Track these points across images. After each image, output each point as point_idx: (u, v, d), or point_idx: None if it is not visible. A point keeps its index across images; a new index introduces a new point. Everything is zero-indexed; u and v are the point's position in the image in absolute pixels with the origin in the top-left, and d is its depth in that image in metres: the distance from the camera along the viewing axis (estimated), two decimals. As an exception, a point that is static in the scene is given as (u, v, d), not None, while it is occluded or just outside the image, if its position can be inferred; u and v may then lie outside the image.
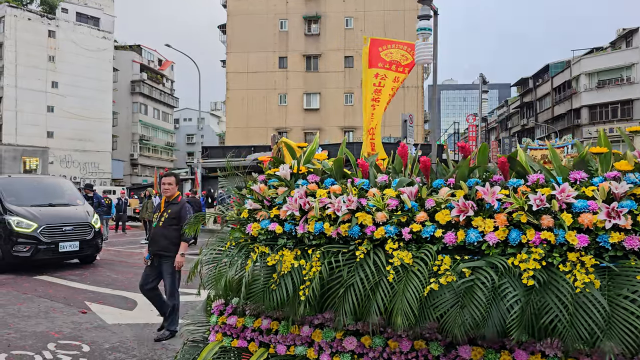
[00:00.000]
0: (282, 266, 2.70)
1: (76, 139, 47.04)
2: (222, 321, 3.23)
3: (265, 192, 3.08)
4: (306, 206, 2.80)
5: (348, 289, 2.51)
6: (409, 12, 41.32)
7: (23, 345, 5.27)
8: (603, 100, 42.31)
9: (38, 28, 45.11)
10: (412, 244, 2.51)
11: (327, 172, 3.14)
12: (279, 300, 2.67)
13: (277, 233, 2.86)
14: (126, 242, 16.57)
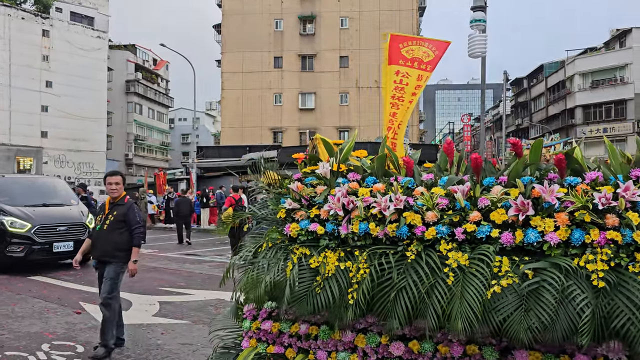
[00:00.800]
0: (326, 268, 2.60)
1: (70, 139, 46.79)
2: (256, 326, 3.10)
3: (302, 191, 2.96)
4: (350, 205, 2.69)
5: (400, 292, 2.42)
6: (404, 12, 41.40)
7: (17, 346, 5.23)
8: (597, 100, 42.52)
9: (32, 27, 44.85)
10: (465, 245, 2.41)
11: (367, 170, 3.01)
12: (324, 304, 2.56)
13: (319, 234, 2.74)
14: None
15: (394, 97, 4.30)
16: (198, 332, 5.76)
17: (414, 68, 4.20)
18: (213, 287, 8.54)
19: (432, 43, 4.29)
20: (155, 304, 7.17)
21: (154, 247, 14.79)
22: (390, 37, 4.51)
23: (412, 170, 2.85)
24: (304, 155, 3.37)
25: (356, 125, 41.48)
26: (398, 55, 4.30)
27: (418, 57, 4.22)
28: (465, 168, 2.86)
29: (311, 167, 3.17)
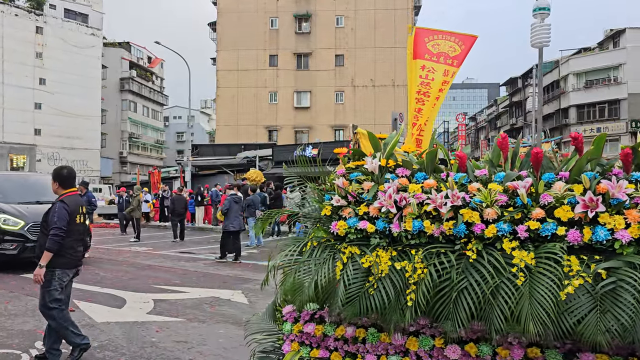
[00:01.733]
0: (379, 268, 2.48)
1: (64, 137, 46.55)
2: (298, 329, 2.96)
3: (348, 187, 2.82)
4: (402, 202, 2.57)
5: (461, 293, 2.32)
6: (400, 10, 41.41)
7: (10, 344, 5.19)
8: (591, 100, 42.73)
9: (25, 24, 44.54)
10: (527, 243, 2.31)
11: (417, 166, 2.88)
12: (378, 305, 2.46)
13: (369, 232, 2.61)
14: (115, 240, 16.44)
15: (419, 92, 4.14)
16: (193, 330, 5.74)
17: (440, 63, 4.05)
18: (208, 285, 8.52)
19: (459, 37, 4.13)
20: (149, 302, 7.14)
21: (148, 245, 14.74)
22: (415, 31, 4.34)
23: (465, 166, 2.74)
24: (347, 149, 3.18)
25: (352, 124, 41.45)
26: (424, 50, 4.15)
27: (444, 51, 4.07)
28: (521, 163, 2.74)
29: (355, 162, 3.01)
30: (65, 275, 4.59)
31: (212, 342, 5.30)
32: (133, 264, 11.04)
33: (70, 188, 4.74)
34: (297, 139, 41.61)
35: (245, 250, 13.09)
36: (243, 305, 6.95)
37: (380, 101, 41.30)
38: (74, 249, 4.63)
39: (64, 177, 4.73)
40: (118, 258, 12.09)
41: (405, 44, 21.63)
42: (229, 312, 6.60)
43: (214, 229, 19.31)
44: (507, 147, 2.77)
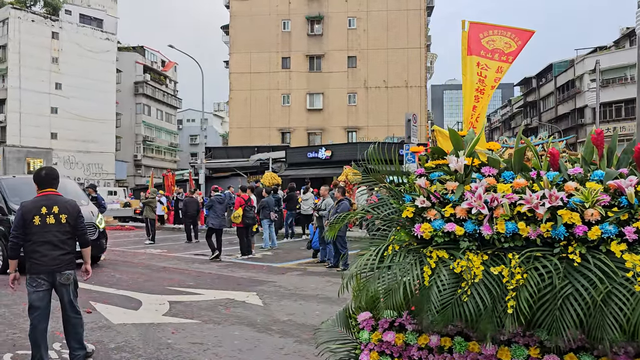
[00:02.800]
0: (471, 273, 2.34)
1: (80, 140, 47.14)
2: (377, 338, 2.80)
3: (431, 188, 2.68)
4: (493, 203, 2.42)
5: (566, 299, 2.18)
6: (412, 11, 41.27)
7: (28, 345, 5.24)
8: (607, 99, 42.15)
9: (41, 30, 45.22)
10: (636, 246, 2.17)
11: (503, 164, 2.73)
12: (473, 313, 2.30)
13: (457, 235, 2.46)
14: (130, 242, 16.57)
15: (477, 89, 4.03)
16: (208, 332, 5.75)
17: (494, 60, 3.96)
18: (222, 286, 8.55)
19: (515, 32, 3.99)
20: (165, 304, 7.17)
21: (163, 248, 14.83)
22: (469, 26, 4.10)
23: (557, 163, 2.59)
24: (424, 148, 3.05)
25: (364, 125, 41.43)
26: (478, 46, 4.00)
27: (499, 48, 3.97)
28: (618, 160, 2.61)
29: (436, 161, 2.87)
30: (35, 281, 4.31)
31: (228, 344, 5.30)
32: (148, 266, 11.11)
33: (45, 189, 4.51)
34: (310, 140, 41.65)
35: (259, 252, 13.11)
36: (258, 307, 6.95)
37: (393, 102, 41.16)
38: (39, 252, 4.29)
39: (39, 178, 4.56)
40: (133, 260, 12.18)
41: (419, 45, 21.82)
42: (244, 313, 6.60)
43: (227, 231, 19.39)
44: (602, 143, 2.62)
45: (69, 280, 4.44)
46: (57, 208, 4.42)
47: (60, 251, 4.38)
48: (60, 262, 4.37)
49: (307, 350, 5.07)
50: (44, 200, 4.44)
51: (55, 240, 4.36)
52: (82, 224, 4.55)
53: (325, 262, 11.05)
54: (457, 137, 2.86)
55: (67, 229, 4.42)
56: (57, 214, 4.40)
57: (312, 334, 5.63)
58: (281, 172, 30.83)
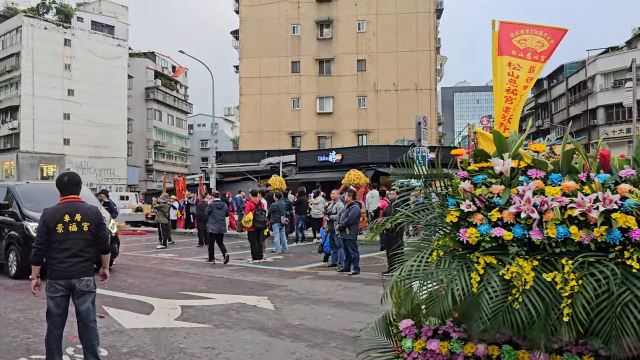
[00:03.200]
0: (522, 280, 2.26)
1: (92, 146, 47.60)
2: (420, 346, 2.70)
3: (475, 191, 2.60)
4: (543, 206, 2.35)
5: (625, 307, 2.10)
6: (421, 14, 41.20)
7: (42, 350, 5.26)
8: (619, 100, 41.67)
9: (54, 37, 45.80)
10: None
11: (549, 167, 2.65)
12: (525, 321, 2.22)
13: (505, 240, 2.37)
14: (142, 247, 16.66)
15: (508, 90, 3.88)
16: (220, 336, 5.76)
17: (526, 59, 3.87)
18: (234, 291, 8.56)
19: (547, 31, 3.89)
20: (177, 308, 7.19)
21: (175, 252, 14.90)
22: (499, 25, 4.01)
23: (608, 165, 2.52)
24: (464, 151, 2.98)
25: (374, 129, 41.37)
26: (509, 46, 3.93)
27: (531, 47, 3.87)
28: None
29: (480, 164, 2.77)
30: (53, 287, 4.32)
31: (239, 348, 5.30)
32: (160, 271, 11.16)
33: (67, 195, 4.48)
34: (320, 144, 41.67)
35: (270, 256, 13.12)
36: (269, 312, 6.95)
37: (403, 105, 41.08)
38: (58, 259, 4.29)
39: (62, 183, 4.53)
40: (145, 265, 12.24)
41: (428, 47, 21.74)
42: (256, 318, 6.60)
43: (239, 235, 19.42)
44: None
45: (88, 286, 4.41)
46: (80, 216, 4.39)
47: (80, 258, 4.36)
48: (79, 269, 4.35)
49: (318, 355, 5.06)
50: (67, 207, 4.42)
51: (76, 248, 4.35)
52: (103, 231, 4.52)
53: (337, 266, 11.03)
54: (501, 139, 2.77)
55: (88, 236, 4.41)
56: (79, 222, 4.37)
57: (323, 338, 5.62)
58: (291, 175, 30.87)
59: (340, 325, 6.16)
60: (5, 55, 45.66)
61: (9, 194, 11.00)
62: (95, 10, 52.11)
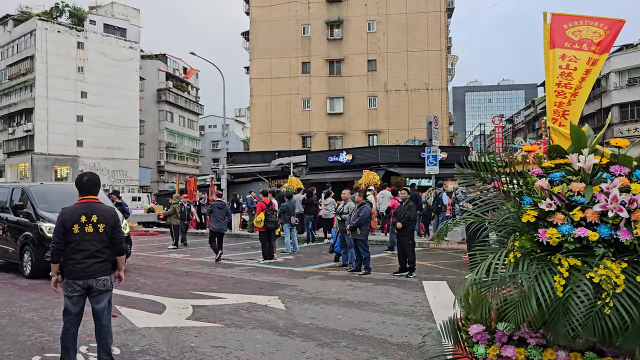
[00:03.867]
0: (612, 283, 2.13)
1: (105, 147, 48.07)
2: (494, 353, 2.55)
3: (554, 189, 2.45)
4: (632, 205, 2.22)
5: None
6: (432, 14, 41.04)
7: (56, 348, 5.33)
8: (634, 99, 41.22)
9: (67, 40, 46.31)
10: None
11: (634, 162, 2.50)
12: (617, 326, 2.10)
13: (591, 240, 2.24)
14: (154, 247, 16.79)
15: (559, 84, 3.70)
16: (231, 335, 5.79)
17: (582, 50, 3.68)
18: (245, 290, 8.60)
19: (603, 22, 3.75)
20: (188, 308, 7.25)
21: (186, 252, 15.00)
22: (551, 17, 3.82)
23: None
24: (537, 147, 2.87)
25: (385, 129, 41.28)
26: (563, 38, 3.75)
27: (587, 37, 3.69)
28: None
29: (557, 160, 2.64)
30: (70, 286, 4.37)
31: (250, 348, 5.33)
32: (172, 271, 11.24)
33: (85, 195, 4.53)
34: (330, 144, 41.68)
35: (281, 257, 13.16)
36: (280, 311, 6.98)
37: (413, 105, 40.96)
38: (75, 259, 4.35)
39: (80, 184, 4.57)
40: (157, 265, 12.34)
41: (439, 47, 21.68)
42: (266, 317, 6.63)
43: (250, 236, 19.50)
44: None
45: (105, 286, 4.44)
46: (96, 217, 4.43)
47: (96, 259, 4.41)
48: (96, 269, 4.40)
49: (328, 354, 5.07)
50: (84, 208, 4.46)
51: (92, 249, 4.40)
52: (119, 232, 4.55)
53: (347, 266, 11.03)
54: (580, 133, 2.61)
55: (104, 238, 4.45)
56: (95, 223, 4.41)
57: (334, 338, 5.63)
58: (302, 176, 30.91)
59: (351, 325, 6.17)
60: (20, 59, 46.25)
61: (24, 195, 11.13)
62: (107, 14, 52.61)
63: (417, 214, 12.52)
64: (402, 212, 10.14)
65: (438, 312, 6.76)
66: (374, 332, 5.87)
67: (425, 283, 9.01)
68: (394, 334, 5.76)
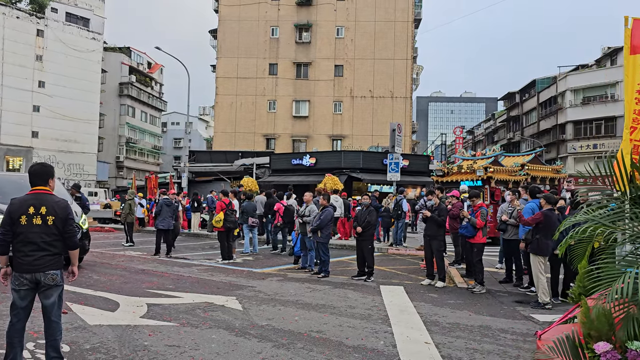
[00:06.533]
0: None
1: (61, 140, 46.52)
2: None
3: None
4: None
5: None
6: (400, 23, 41.70)
7: (1, 344, 5.16)
8: (587, 117, 43.02)
9: (26, 27, 44.65)
10: None
11: None
12: None
13: None
14: (109, 244, 16.37)
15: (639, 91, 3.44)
16: (186, 335, 5.71)
17: None
18: (202, 290, 8.49)
19: None
20: (143, 306, 7.10)
21: (143, 250, 14.68)
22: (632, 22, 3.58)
23: None
24: None
25: (349, 134, 41.61)
26: None
27: None
28: None
29: None
30: (17, 279, 4.21)
31: (205, 347, 5.27)
32: (127, 268, 10.99)
33: (36, 186, 4.36)
34: (294, 147, 41.69)
35: (240, 257, 13.06)
36: (237, 312, 6.93)
37: (378, 112, 41.46)
38: (22, 252, 4.19)
39: (30, 174, 4.40)
40: (112, 262, 12.04)
41: (405, 56, 22.02)
42: (222, 317, 6.57)
43: (209, 236, 19.26)
44: None
45: (54, 280, 4.28)
46: (45, 209, 4.26)
47: (45, 252, 4.23)
48: (44, 262, 4.22)
49: (284, 355, 5.07)
50: (32, 199, 4.29)
51: (40, 241, 4.22)
52: (70, 226, 4.37)
53: (306, 269, 11.06)
54: None
55: (53, 231, 4.28)
56: (44, 215, 4.24)
57: (290, 339, 5.63)
58: (265, 178, 30.78)
59: (308, 327, 6.19)
60: (-26, 43, 44.33)
61: None
62: (70, 2, 51.01)
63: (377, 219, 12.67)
64: (362, 216, 10.24)
65: (394, 316, 6.86)
66: (330, 334, 5.91)
67: (382, 287, 9.12)
68: (351, 337, 5.81)
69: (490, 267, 11.45)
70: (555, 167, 17.91)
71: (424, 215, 9.81)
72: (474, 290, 8.88)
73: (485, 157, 18.06)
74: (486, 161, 16.87)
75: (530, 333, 6.20)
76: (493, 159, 17.00)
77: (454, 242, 11.97)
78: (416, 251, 14.47)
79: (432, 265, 9.71)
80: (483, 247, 9.24)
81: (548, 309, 7.58)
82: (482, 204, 9.40)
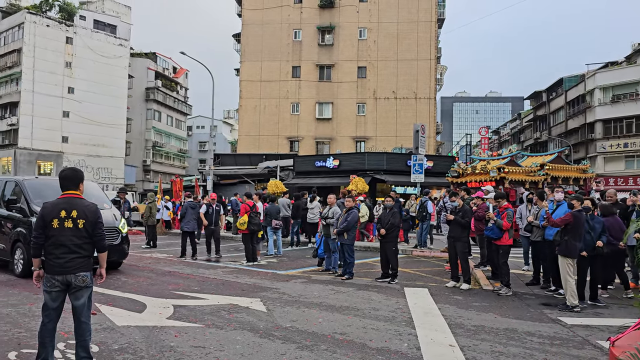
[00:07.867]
0: None
1: (90, 144, 47.60)
2: None
3: None
4: None
5: None
6: (423, 23, 41.42)
7: (33, 344, 5.29)
8: (617, 115, 41.98)
9: (56, 34, 45.87)
10: None
11: None
12: None
13: None
14: (136, 246, 16.66)
15: None
16: (211, 336, 5.78)
17: None
18: (226, 292, 8.58)
19: None
20: (169, 307, 7.22)
21: (169, 253, 14.90)
22: None
23: None
24: None
25: (373, 136, 41.49)
26: None
27: None
28: None
29: None
30: (49, 281, 4.34)
31: (230, 348, 5.33)
32: (154, 270, 11.17)
33: (67, 191, 4.50)
34: (318, 149, 41.76)
35: (264, 259, 13.14)
36: (261, 313, 6.98)
37: (401, 113, 41.24)
38: (54, 254, 4.32)
39: (61, 178, 4.56)
40: (139, 264, 12.25)
41: (429, 56, 21.97)
42: (247, 319, 6.63)
43: (234, 238, 19.43)
44: None
45: (84, 282, 4.39)
46: (76, 212, 4.39)
47: (75, 255, 4.36)
48: (75, 264, 4.35)
49: (307, 357, 5.09)
50: (64, 203, 4.43)
51: (71, 244, 4.35)
52: (99, 229, 4.50)
53: (330, 271, 11.06)
54: None
55: (84, 234, 4.41)
56: (75, 219, 4.37)
57: (313, 341, 5.65)
58: (288, 180, 30.91)
59: (331, 329, 6.20)
60: (7, 52, 45.68)
61: (17, 188, 10.55)
62: (98, 9, 52.20)
63: (401, 221, 12.60)
64: (386, 218, 10.20)
65: (418, 319, 6.82)
66: (354, 336, 5.90)
67: (407, 290, 9.07)
68: (374, 339, 5.79)
69: (517, 269, 11.28)
70: (581, 166, 17.46)
71: (446, 217, 9.73)
72: (500, 293, 8.76)
73: (500, 157, 17.81)
74: (501, 161, 16.60)
75: (558, 336, 6.09)
76: (509, 159, 16.71)
77: (479, 243, 11.84)
78: (441, 253, 14.35)
79: (456, 267, 9.61)
80: (509, 248, 9.11)
81: (576, 312, 7.43)
82: (508, 205, 9.28)
